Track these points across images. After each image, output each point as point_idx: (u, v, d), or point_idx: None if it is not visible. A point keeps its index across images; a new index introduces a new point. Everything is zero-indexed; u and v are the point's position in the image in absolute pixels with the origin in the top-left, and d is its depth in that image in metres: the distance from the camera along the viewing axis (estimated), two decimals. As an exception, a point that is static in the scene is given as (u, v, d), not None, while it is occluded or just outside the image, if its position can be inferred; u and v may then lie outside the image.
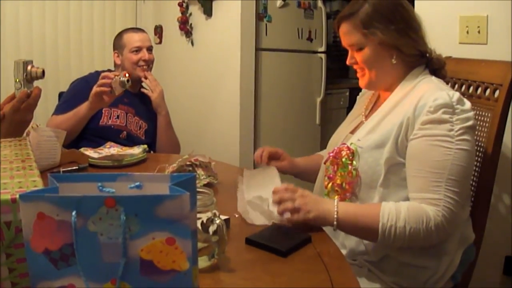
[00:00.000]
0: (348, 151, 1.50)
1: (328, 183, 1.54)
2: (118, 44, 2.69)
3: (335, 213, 1.34)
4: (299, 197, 1.34)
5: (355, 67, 1.59)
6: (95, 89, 2.19)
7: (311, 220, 1.33)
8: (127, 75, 2.22)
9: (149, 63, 2.66)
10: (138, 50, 2.62)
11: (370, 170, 1.46)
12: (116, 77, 2.17)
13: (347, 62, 1.59)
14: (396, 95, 1.53)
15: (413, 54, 1.53)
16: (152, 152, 2.66)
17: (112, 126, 2.50)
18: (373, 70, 1.54)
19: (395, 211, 1.34)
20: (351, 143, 1.51)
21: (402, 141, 1.43)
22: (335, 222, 1.34)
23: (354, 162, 1.49)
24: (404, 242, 1.35)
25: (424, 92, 1.43)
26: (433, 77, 1.53)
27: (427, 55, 1.57)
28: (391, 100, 1.53)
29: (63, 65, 3.55)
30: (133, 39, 2.63)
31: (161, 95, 2.66)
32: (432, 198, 1.35)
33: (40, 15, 3.41)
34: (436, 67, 1.58)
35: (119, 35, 2.71)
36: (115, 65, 2.72)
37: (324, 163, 1.59)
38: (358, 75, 1.61)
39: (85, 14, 3.62)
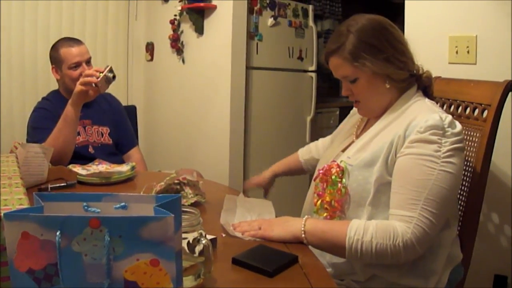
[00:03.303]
0: (338, 169, 1.50)
1: (317, 200, 1.54)
2: (55, 59, 2.53)
3: (302, 226, 1.37)
4: (261, 221, 1.43)
5: (351, 98, 1.59)
6: (79, 87, 2.11)
7: (276, 236, 1.37)
8: (112, 70, 2.15)
9: None
10: (77, 65, 2.46)
11: (359, 188, 1.46)
12: (100, 74, 2.10)
13: (343, 93, 1.59)
14: (388, 116, 1.53)
15: (404, 78, 1.53)
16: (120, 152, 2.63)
17: (77, 145, 2.37)
18: (370, 98, 1.54)
19: (364, 226, 1.35)
20: (341, 161, 1.51)
21: (392, 159, 1.43)
22: (303, 235, 1.37)
23: (344, 180, 1.49)
24: (372, 258, 1.34)
25: (417, 114, 1.43)
26: (427, 99, 1.53)
27: (416, 72, 1.57)
28: (383, 120, 1.53)
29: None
30: (70, 54, 2.47)
31: None
32: (405, 215, 1.34)
33: (33, 32, 3.41)
34: (426, 84, 1.58)
35: (55, 49, 2.53)
36: (57, 80, 2.60)
37: (314, 180, 1.59)
38: (355, 105, 1.60)
39: (77, 30, 3.62)
